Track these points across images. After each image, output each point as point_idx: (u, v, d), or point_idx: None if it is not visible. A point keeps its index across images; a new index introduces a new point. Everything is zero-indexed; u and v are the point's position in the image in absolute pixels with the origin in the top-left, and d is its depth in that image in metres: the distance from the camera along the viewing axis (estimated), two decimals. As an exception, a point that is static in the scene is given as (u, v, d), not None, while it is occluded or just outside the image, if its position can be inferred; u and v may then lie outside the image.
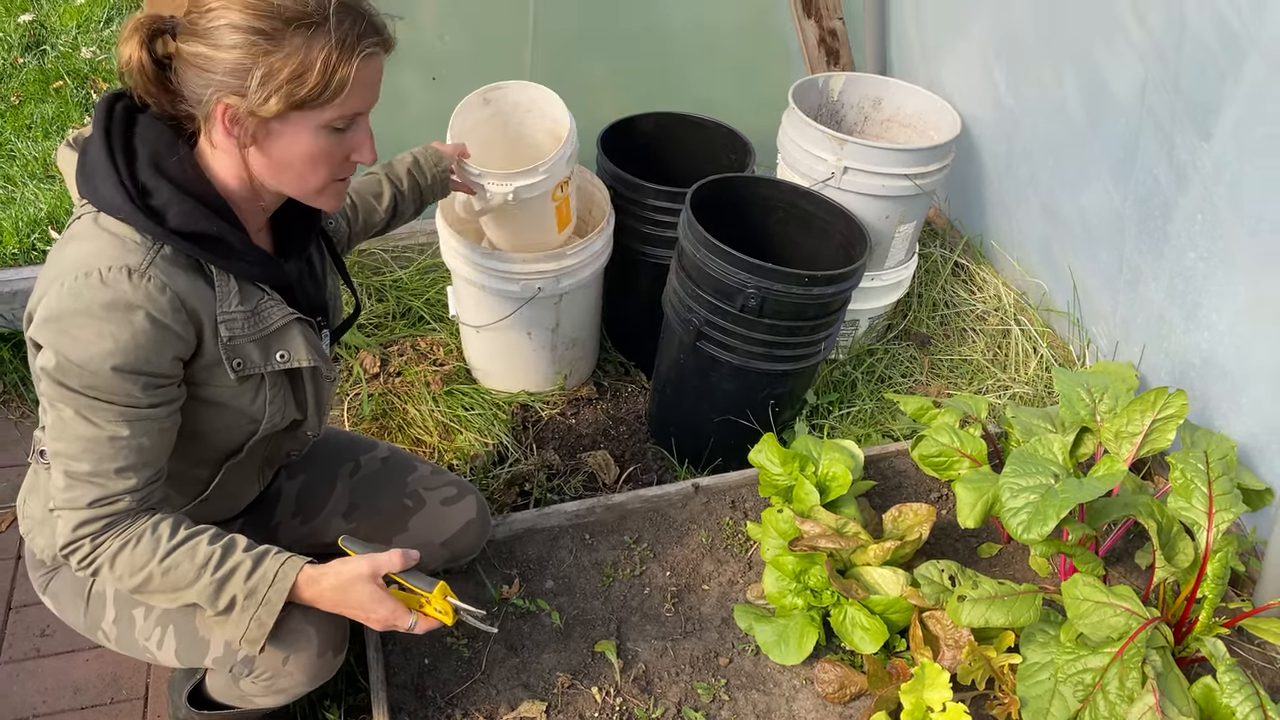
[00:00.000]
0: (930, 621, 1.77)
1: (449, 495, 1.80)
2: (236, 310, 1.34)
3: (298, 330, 1.42)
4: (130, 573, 1.32)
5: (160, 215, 1.26)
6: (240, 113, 1.24)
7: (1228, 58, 1.88)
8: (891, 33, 3.06)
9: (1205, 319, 2.09)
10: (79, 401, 1.25)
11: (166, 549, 1.32)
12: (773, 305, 2.15)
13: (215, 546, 1.35)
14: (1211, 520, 1.71)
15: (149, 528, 1.32)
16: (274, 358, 1.39)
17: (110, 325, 1.21)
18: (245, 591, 1.35)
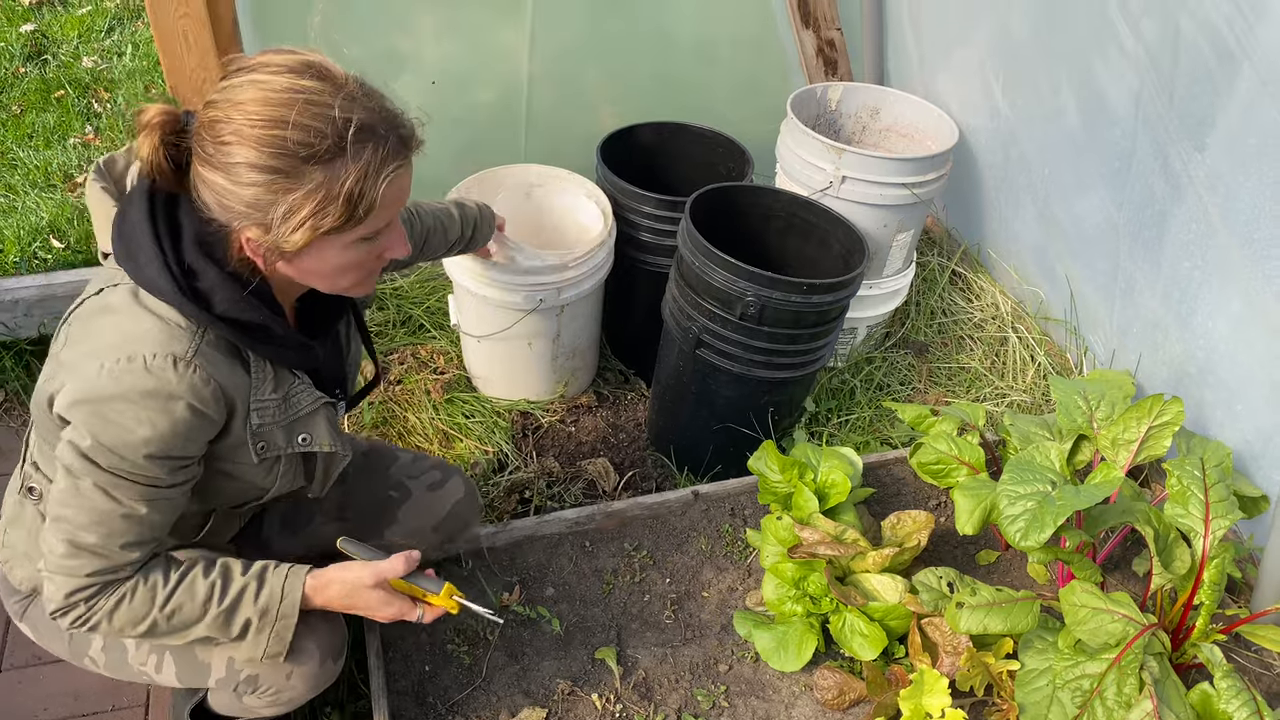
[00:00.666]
0: (929, 628, 1.77)
1: (434, 480, 1.81)
2: (269, 398, 1.34)
3: (323, 415, 1.43)
4: (132, 624, 1.31)
5: (207, 300, 1.23)
6: (265, 244, 1.22)
7: (1221, 69, 1.90)
8: (889, 43, 3.08)
9: (1200, 327, 2.10)
10: (101, 478, 1.22)
11: (165, 595, 1.31)
12: (772, 313, 2.16)
13: (213, 578, 1.35)
14: (1208, 527, 1.72)
15: (140, 578, 1.31)
16: (296, 440, 1.39)
17: (150, 413, 1.20)
18: (258, 613, 1.36)
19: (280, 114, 1.14)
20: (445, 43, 2.78)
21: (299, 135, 1.14)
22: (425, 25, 2.73)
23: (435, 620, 1.50)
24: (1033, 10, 2.45)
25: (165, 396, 1.20)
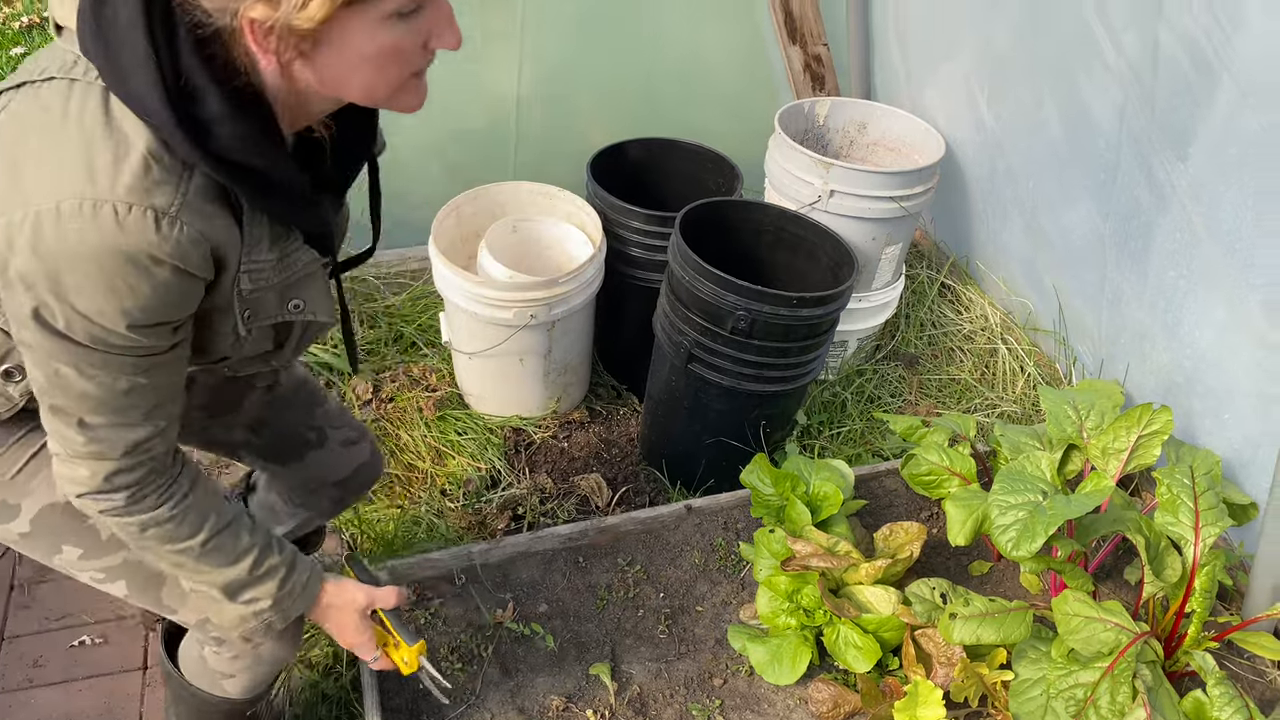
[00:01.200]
0: (923, 639, 1.78)
1: (348, 438, 1.76)
2: (265, 259, 1.11)
3: (320, 278, 1.23)
4: (163, 541, 1.20)
5: (204, 132, 0.96)
6: (276, 26, 0.93)
7: (1201, 81, 1.92)
8: (876, 58, 3.11)
9: (1187, 336, 2.12)
10: (86, 357, 1.03)
11: (213, 530, 1.23)
12: (762, 327, 2.17)
13: (254, 537, 1.28)
14: (1198, 535, 1.73)
15: (197, 505, 1.21)
16: (288, 307, 1.20)
17: (127, 280, 0.97)
18: (274, 598, 1.31)
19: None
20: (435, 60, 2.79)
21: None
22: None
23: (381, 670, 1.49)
24: (1016, 25, 2.47)
25: (146, 261, 0.97)
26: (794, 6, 3.02)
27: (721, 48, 3.12)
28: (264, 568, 1.29)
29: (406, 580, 1.90)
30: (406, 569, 1.91)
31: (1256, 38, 1.78)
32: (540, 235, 2.57)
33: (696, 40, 3.05)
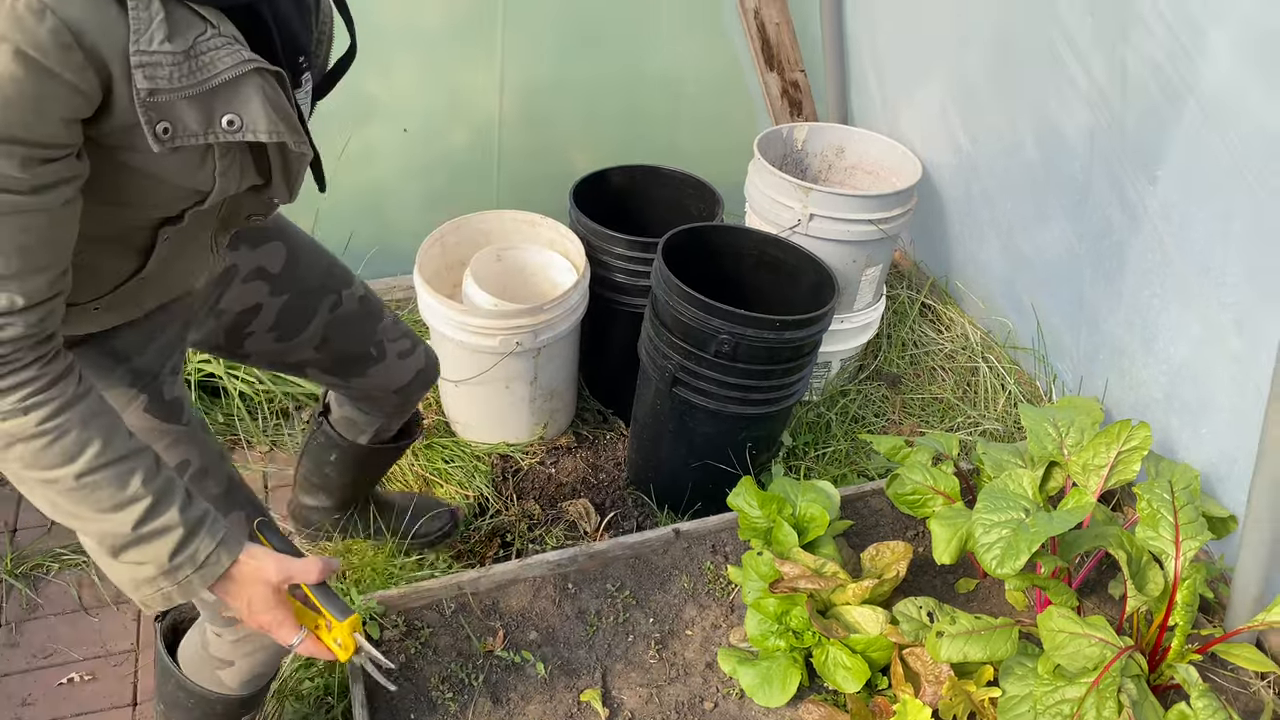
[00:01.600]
0: (910, 658, 1.79)
1: (404, 349, 1.84)
2: (159, 50, 0.90)
3: (255, 87, 1.00)
4: (29, 466, 1.03)
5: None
6: None
7: (1168, 104, 1.96)
8: (852, 84, 3.15)
9: (1163, 353, 2.15)
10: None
11: (92, 462, 1.04)
12: (746, 350, 2.19)
13: (151, 486, 1.09)
14: (1179, 549, 1.75)
15: (78, 422, 1.03)
16: (218, 123, 0.99)
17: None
18: (165, 566, 1.11)
19: None
20: (416, 89, 2.82)
21: None
22: (396, 72, 2.77)
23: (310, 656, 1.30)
24: (988, 52, 2.52)
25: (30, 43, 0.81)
26: (770, 34, 3.06)
27: (701, 73, 3.16)
28: (152, 525, 1.09)
29: (398, 610, 1.91)
30: (397, 599, 1.91)
31: (1216, 61, 1.83)
32: (524, 263, 2.60)
33: (677, 65, 3.09)
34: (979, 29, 2.53)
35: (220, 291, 1.53)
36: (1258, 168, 1.78)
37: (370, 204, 2.93)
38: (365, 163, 2.86)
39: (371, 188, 2.91)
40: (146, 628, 2.11)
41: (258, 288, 1.57)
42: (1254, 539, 1.83)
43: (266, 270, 1.58)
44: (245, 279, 1.56)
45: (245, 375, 2.56)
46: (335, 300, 1.70)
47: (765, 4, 3.02)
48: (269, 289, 1.58)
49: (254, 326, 1.61)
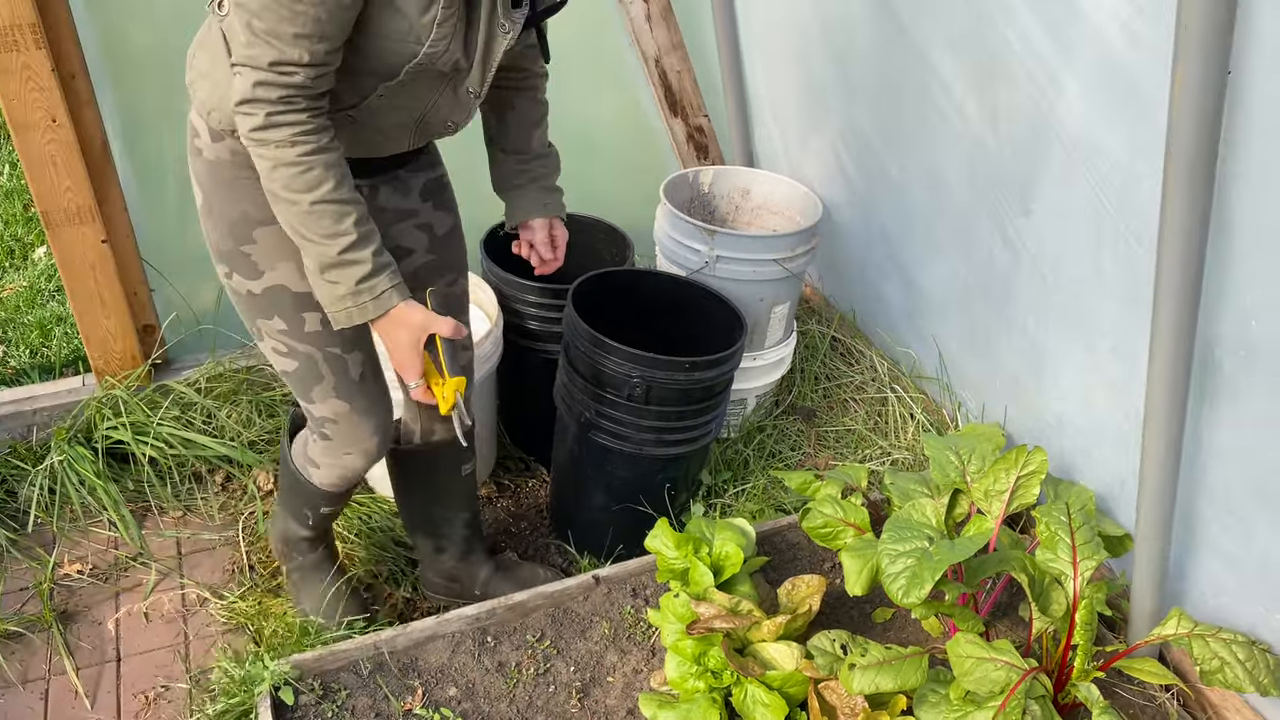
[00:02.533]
0: (826, 692, 1.82)
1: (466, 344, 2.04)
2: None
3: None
4: (283, 187, 1.43)
5: None
6: None
7: (1036, 143, 2.06)
8: (755, 129, 3.23)
9: (1052, 380, 2.23)
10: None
11: (325, 195, 1.44)
12: (658, 392, 2.23)
13: (359, 229, 1.48)
14: (1076, 569, 1.81)
15: (322, 164, 1.43)
16: (439, 5, 1.38)
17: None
18: (352, 289, 1.50)
19: None
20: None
21: None
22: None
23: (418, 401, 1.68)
24: (872, 98, 2.61)
25: None
26: (672, 81, 3.14)
27: (610, 121, 3.21)
28: (351, 256, 1.48)
29: (314, 674, 1.88)
30: (313, 663, 1.89)
31: (1073, 103, 1.93)
32: None
33: (583, 113, 3.13)
34: (864, 76, 2.62)
35: (397, 221, 1.83)
36: (1116, 203, 1.88)
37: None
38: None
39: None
40: (54, 706, 2.05)
41: (419, 238, 1.89)
42: (1145, 555, 1.90)
43: (433, 229, 1.91)
44: (417, 226, 1.88)
45: (154, 441, 2.51)
46: (454, 278, 2.00)
47: (666, 52, 3.09)
48: (427, 244, 1.91)
49: (400, 267, 1.79)
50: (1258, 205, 1.52)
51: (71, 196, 2.38)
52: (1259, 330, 1.61)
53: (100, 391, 2.62)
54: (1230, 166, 1.52)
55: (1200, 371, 1.73)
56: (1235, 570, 1.84)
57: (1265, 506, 1.73)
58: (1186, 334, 1.64)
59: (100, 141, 2.41)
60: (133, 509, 2.50)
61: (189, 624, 2.24)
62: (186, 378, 2.70)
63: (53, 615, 2.22)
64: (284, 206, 1.47)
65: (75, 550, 2.41)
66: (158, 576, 2.35)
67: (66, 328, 3.20)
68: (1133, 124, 1.78)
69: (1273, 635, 1.80)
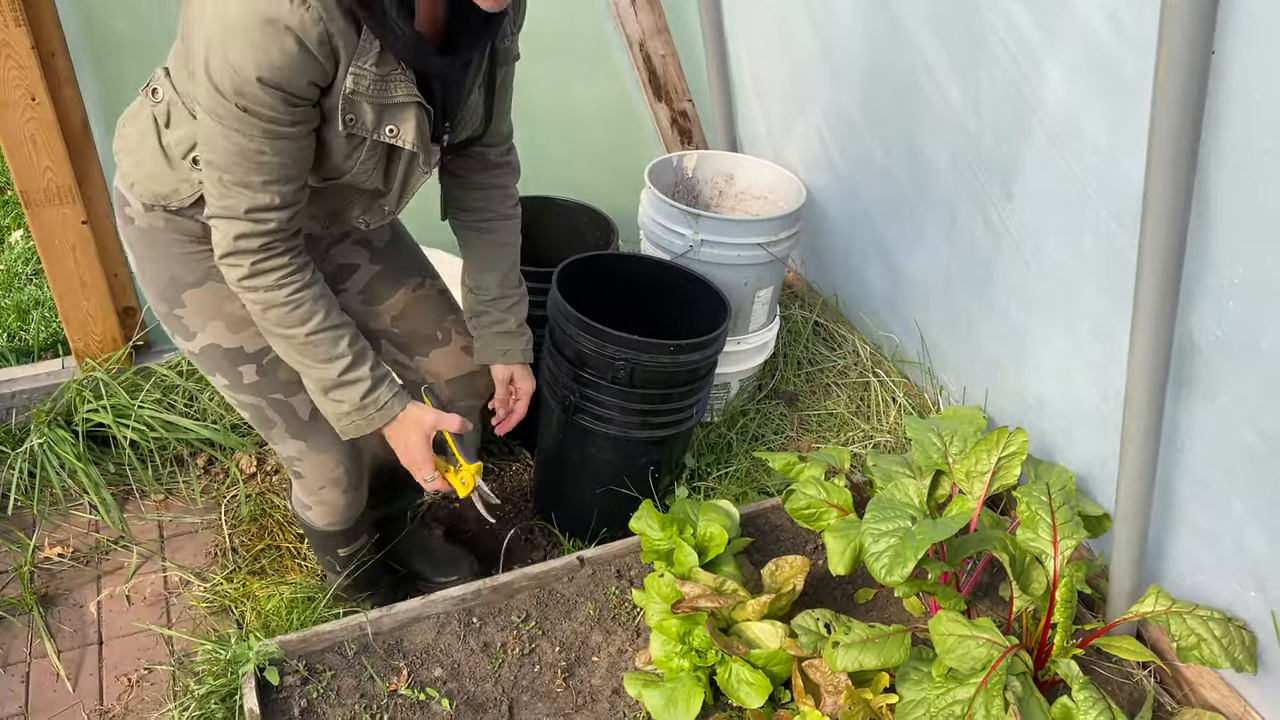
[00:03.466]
0: (810, 670, 1.84)
1: (468, 344, 2.02)
2: (369, 69, 1.42)
3: (414, 114, 1.50)
4: (276, 324, 1.55)
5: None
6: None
7: (1018, 126, 2.07)
8: (739, 113, 3.24)
9: (1032, 362, 2.25)
10: (230, 112, 1.37)
11: (317, 326, 1.56)
12: (643, 375, 2.23)
13: (353, 349, 1.61)
14: (1057, 548, 1.84)
15: (310, 298, 1.55)
16: (383, 129, 1.49)
17: (264, 40, 1.31)
18: (356, 404, 1.63)
19: None
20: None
21: None
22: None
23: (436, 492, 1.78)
24: (856, 81, 2.62)
25: (278, 25, 1.30)
26: (657, 65, 3.13)
27: (594, 106, 3.20)
28: (351, 376, 1.61)
29: (298, 655, 1.88)
30: (297, 644, 1.89)
31: (1055, 86, 1.94)
32: None
33: (568, 99, 3.12)
34: (849, 60, 2.63)
35: (333, 244, 1.90)
36: (1097, 186, 1.89)
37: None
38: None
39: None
40: (36, 689, 2.04)
41: (360, 252, 1.94)
42: (1124, 534, 1.93)
43: (372, 243, 1.95)
44: (354, 242, 1.93)
45: (134, 423, 2.50)
46: (419, 283, 2.01)
47: (650, 37, 3.09)
48: (369, 256, 1.94)
49: (348, 285, 1.94)
50: (1236, 187, 1.54)
51: (51, 176, 2.35)
52: (1236, 311, 1.63)
53: (80, 374, 2.60)
54: (1211, 148, 1.53)
55: (1178, 353, 1.75)
56: (1212, 548, 1.87)
57: (1241, 485, 1.76)
58: (1168, 316, 1.66)
59: (80, 121, 2.39)
60: (114, 492, 2.48)
61: (171, 607, 2.24)
62: (168, 360, 2.68)
63: (33, 598, 2.20)
64: (280, 341, 1.60)
65: (56, 533, 2.39)
66: (139, 559, 2.34)
67: (45, 311, 3.17)
68: (1115, 110, 1.79)
69: (1248, 612, 1.83)
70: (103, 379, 2.56)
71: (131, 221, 1.69)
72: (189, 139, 1.54)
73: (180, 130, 1.55)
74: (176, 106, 1.55)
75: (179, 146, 1.57)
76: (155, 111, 1.58)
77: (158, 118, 1.58)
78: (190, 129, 1.53)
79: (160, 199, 1.62)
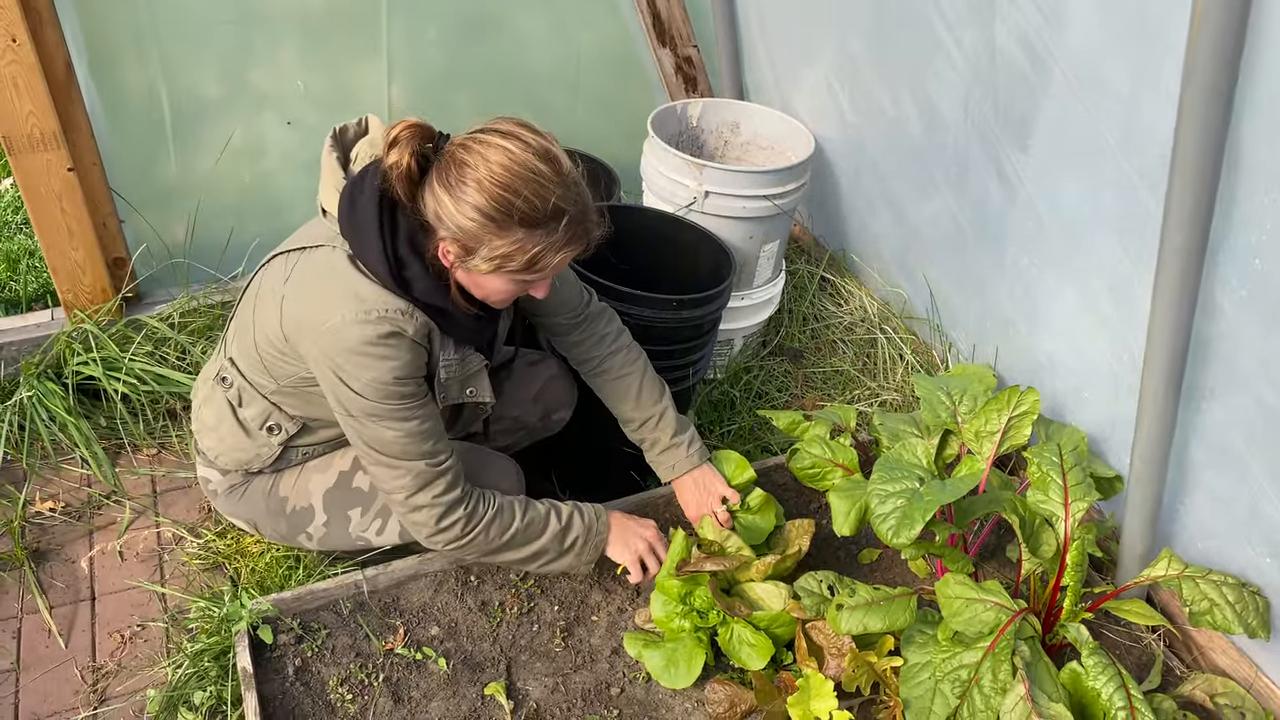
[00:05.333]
0: (813, 632, 1.80)
1: (533, 359, 2.16)
2: (452, 358, 1.73)
3: (485, 375, 1.81)
4: (501, 534, 1.76)
5: (409, 285, 1.58)
6: (456, 257, 1.55)
7: (1035, 73, 2.00)
8: (745, 59, 3.14)
9: (1044, 320, 2.20)
10: (386, 410, 1.63)
11: (520, 513, 1.78)
12: (645, 330, 2.18)
13: (544, 507, 1.83)
14: (1068, 510, 1.79)
15: (504, 505, 1.77)
16: (465, 393, 1.80)
17: (391, 349, 1.58)
18: (584, 535, 1.84)
19: (516, 184, 1.46)
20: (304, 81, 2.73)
21: (523, 205, 1.47)
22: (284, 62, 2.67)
23: None
24: (867, 28, 2.53)
25: (400, 335, 1.58)
26: (661, 9, 3.03)
27: (595, 53, 3.12)
28: (563, 517, 1.85)
29: (293, 613, 1.85)
30: (291, 602, 1.85)
31: (1079, 33, 1.86)
32: None
33: (568, 47, 3.04)
34: (859, 3, 2.54)
35: None
36: (1118, 136, 1.82)
37: (258, 198, 2.83)
38: (253, 155, 2.76)
39: (259, 182, 2.81)
40: (28, 645, 2.01)
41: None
42: (1137, 497, 1.88)
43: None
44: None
45: (125, 376, 2.45)
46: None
47: (655, -22, 2.99)
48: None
49: None
50: (1271, 137, 1.47)
51: (35, 122, 2.27)
52: (1261, 269, 1.57)
53: (70, 325, 2.54)
54: (1245, 95, 1.46)
55: (1200, 313, 1.69)
56: (1227, 513, 1.82)
57: (1260, 449, 1.71)
58: (1194, 273, 1.60)
59: (64, 64, 2.31)
60: (106, 446, 2.44)
61: (164, 563, 2.20)
62: (159, 312, 2.63)
63: (24, 554, 2.17)
64: (501, 540, 1.78)
65: (47, 488, 2.35)
66: (132, 515, 2.30)
67: (35, 261, 3.11)
68: (1139, 54, 1.72)
69: (1262, 578, 1.79)
70: (92, 331, 2.50)
71: (218, 496, 1.98)
72: (262, 414, 1.84)
73: (253, 408, 1.84)
74: (247, 390, 1.83)
75: (254, 421, 1.85)
76: (229, 396, 1.86)
77: (231, 400, 1.85)
78: (262, 407, 1.83)
79: (243, 465, 1.91)
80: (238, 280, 2.78)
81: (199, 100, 2.62)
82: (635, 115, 2.95)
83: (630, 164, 2.79)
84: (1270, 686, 1.85)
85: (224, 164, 2.73)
